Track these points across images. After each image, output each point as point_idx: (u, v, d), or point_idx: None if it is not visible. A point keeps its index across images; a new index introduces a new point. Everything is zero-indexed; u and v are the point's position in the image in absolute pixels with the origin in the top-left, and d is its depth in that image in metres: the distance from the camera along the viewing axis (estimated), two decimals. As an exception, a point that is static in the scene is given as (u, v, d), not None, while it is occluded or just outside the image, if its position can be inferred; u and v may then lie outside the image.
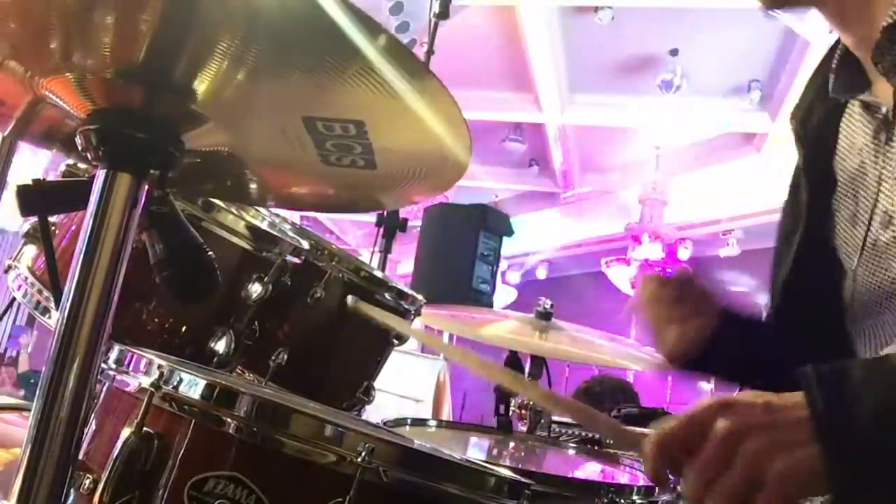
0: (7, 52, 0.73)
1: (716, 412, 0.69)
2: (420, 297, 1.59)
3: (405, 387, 3.43)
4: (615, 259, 7.09)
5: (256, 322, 1.34)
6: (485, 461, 1.29)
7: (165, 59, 0.69)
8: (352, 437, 0.80)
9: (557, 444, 1.94)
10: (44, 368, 0.73)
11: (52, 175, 1.24)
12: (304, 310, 1.40)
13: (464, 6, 4.78)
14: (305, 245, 1.39)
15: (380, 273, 1.62)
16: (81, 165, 1.18)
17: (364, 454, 0.78)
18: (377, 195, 1.04)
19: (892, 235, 0.87)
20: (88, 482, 0.83)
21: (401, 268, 7.86)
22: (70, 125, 0.79)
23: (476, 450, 1.75)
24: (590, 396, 3.48)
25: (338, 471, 0.79)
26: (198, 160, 0.86)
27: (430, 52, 2.56)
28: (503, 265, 7.89)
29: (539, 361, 1.92)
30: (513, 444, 1.82)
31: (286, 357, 1.38)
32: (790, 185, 1.10)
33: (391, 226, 2.77)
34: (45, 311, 1.23)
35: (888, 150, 0.89)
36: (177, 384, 0.84)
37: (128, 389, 0.88)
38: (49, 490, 0.71)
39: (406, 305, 1.55)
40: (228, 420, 0.81)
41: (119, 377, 0.90)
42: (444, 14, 2.51)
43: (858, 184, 0.95)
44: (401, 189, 0.98)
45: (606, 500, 1.31)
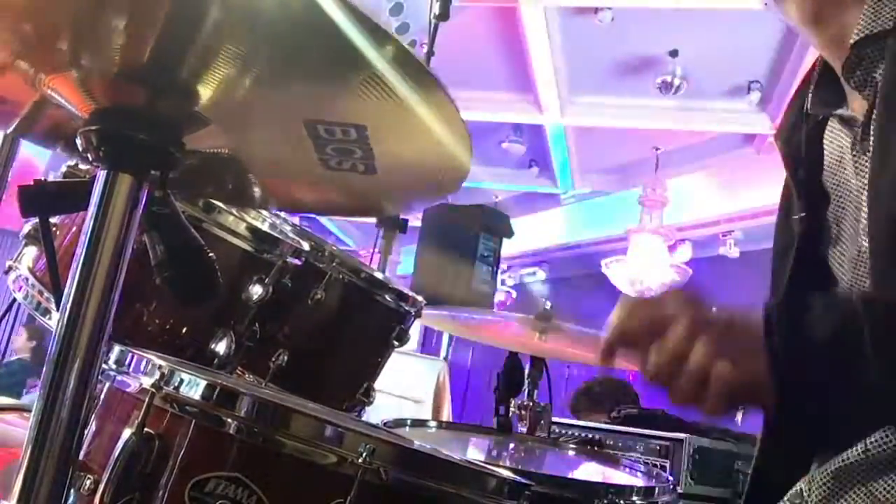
0: (18, 52, 0.73)
1: (684, 305, 0.77)
2: (420, 299, 1.60)
3: (405, 388, 3.43)
4: (615, 259, 7.08)
5: (257, 323, 1.34)
6: (485, 462, 1.29)
7: (169, 61, 0.69)
8: (352, 438, 0.80)
9: (557, 445, 1.94)
10: (44, 369, 0.74)
11: (53, 176, 1.24)
12: (305, 311, 1.40)
13: (464, 7, 4.78)
14: (306, 246, 1.39)
15: (380, 274, 1.62)
16: (82, 166, 1.18)
17: (365, 455, 0.78)
18: (377, 200, 1.04)
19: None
20: (89, 483, 0.83)
21: (401, 268, 7.86)
22: (73, 125, 0.79)
23: (476, 450, 1.75)
24: (590, 396, 3.48)
25: (338, 471, 0.79)
26: (199, 162, 0.86)
27: (430, 53, 2.56)
28: (503, 266, 7.89)
29: (539, 362, 1.92)
30: (512, 445, 1.82)
31: (286, 358, 1.38)
32: (780, 205, 1.12)
33: (391, 226, 2.77)
34: (46, 312, 1.23)
35: (866, 161, 0.90)
36: (177, 385, 0.84)
37: (128, 390, 0.88)
38: (49, 491, 0.71)
39: (406, 307, 1.55)
40: (229, 421, 0.81)
41: (120, 378, 0.91)
42: (444, 15, 2.51)
43: (845, 197, 0.97)
44: (400, 194, 0.98)
45: (606, 501, 1.31)
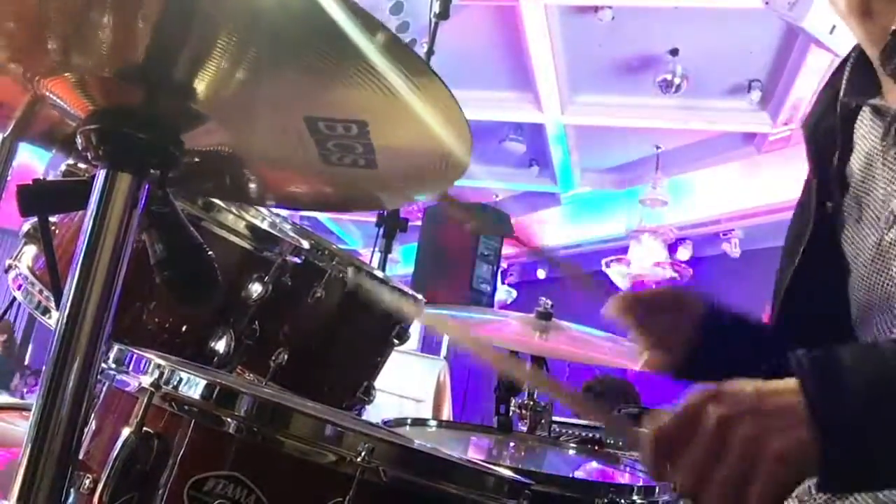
0: (6, 53, 0.73)
1: (706, 401, 0.69)
2: (420, 297, 1.60)
3: (405, 387, 3.43)
4: (615, 259, 7.07)
5: (257, 322, 1.34)
6: (485, 461, 1.29)
7: (165, 59, 0.69)
8: (352, 437, 0.80)
9: (558, 444, 1.94)
10: (44, 368, 0.74)
11: (52, 175, 1.24)
12: (305, 310, 1.40)
13: (464, 6, 4.78)
14: (306, 245, 1.39)
15: (380, 273, 1.62)
16: (82, 165, 1.18)
17: (364, 454, 0.78)
18: (377, 194, 1.04)
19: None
20: (88, 482, 0.83)
21: (401, 268, 7.86)
22: (70, 125, 0.79)
23: (476, 450, 1.75)
24: (590, 396, 3.48)
25: (338, 471, 0.79)
26: (198, 159, 0.86)
27: (431, 52, 2.57)
28: (503, 265, 7.89)
29: (539, 361, 1.92)
30: (513, 444, 1.82)
31: (286, 357, 1.38)
32: (803, 190, 1.11)
33: (391, 226, 2.77)
34: (46, 311, 1.23)
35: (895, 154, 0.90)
36: (177, 384, 0.84)
37: (128, 389, 0.88)
38: (49, 490, 0.71)
39: (406, 305, 1.55)
40: (228, 420, 0.81)
41: (119, 377, 0.90)
42: (445, 14, 2.51)
43: (869, 186, 0.96)
44: (401, 188, 0.98)
45: (606, 501, 1.31)
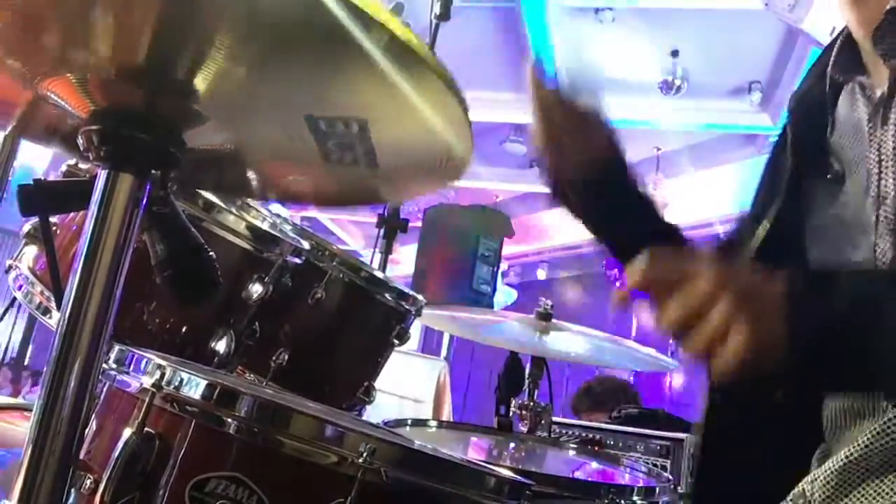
0: (6, 51, 0.73)
1: (708, 265, 0.78)
2: (420, 298, 1.60)
3: (405, 387, 3.43)
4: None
5: (257, 322, 1.34)
6: (485, 462, 1.29)
7: (166, 59, 0.69)
8: (353, 438, 0.80)
9: (558, 445, 1.94)
10: (45, 369, 0.74)
11: (54, 175, 1.24)
12: (305, 310, 1.40)
13: (464, 7, 4.78)
14: (306, 245, 1.39)
15: (380, 273, 1.62)
16: (83, 165, 1.18)
17: (365, 454, 0.78)
18: (377, 191, 1.04)
19: (884, 215, 0.89)
20: (89, 482, 0.83)
21: (401, 268, 7.86)
22: (71, 123, 0.79)
23: (476, 450, 1.75)
24: (590, 396, 3.48)
25: (339, 471, 0.79)
26: (199, 157, 0.86)
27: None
28: (503, 266, 7.89)
29: (539, 362, 1.92)
30: (513, 445, 1.82)
31: (287, 357, 1.38)
32: (769, 160, 1.12)
33: (392, 226, 2.77)
34: (46, 312, 1.23)
35: (883, 133, 0.91)
36: (178, 384, 0.84)
37: (129, 390, 0.88)
38: (50, 490, 0.71)
39: (406, 306, 1.55)
40: (229, 420, 0.81)
41: (120, 377, 0.90)
42: (445, 15, 2.51)
43: (855, 164, 0.97)
44: (402, 185, 0.98)
45: (607, 501, 1.31)
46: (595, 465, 1.77)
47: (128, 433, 0.81)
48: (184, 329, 1.27)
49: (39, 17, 0.67)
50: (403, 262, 6.99)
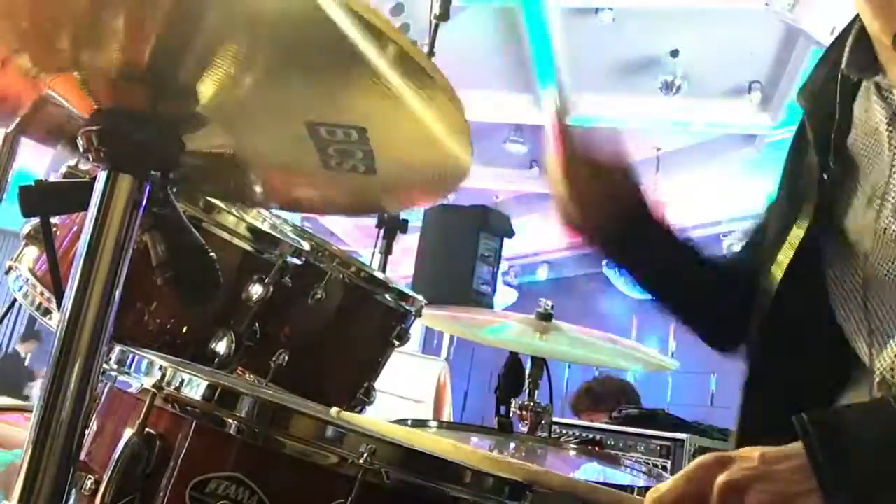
0: (17, 49, 0.73)
1: (713, 468, 0.69)
2: (420, 298, 1.60)
3: (406, 388, 3.43)
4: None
5: (257, 323, 1.34)
6: (485, 462, 1.29)
7: (170, 62, 0.69)
8: (353, 438, 0.80)
9: (558, 445, 1.94)
10: (45, 370, 0.74)
11: (54, 176, 1.24)
12: (305, 311, 1.40)
13: (464, 7, 4.78)
14: (306, 246, 1.39)
15: (380, 274, 1.62)
16: (83, 166, 1.18)
17: (366, 455, 0.78)
18: (377, 199, 1.05)
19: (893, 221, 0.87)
20: (90, 483, 0.83)
21: (401, 269, 7.86)
22: (73, 124, 0.79)
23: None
24: (590, 396, 3.48)
25: (339, 472, 0.79)
26: (200, 161, 0.86)
27: (431, 54, 2.57)
28: (503, 266, 7.89)
29: (539, 362, 1.92)
30: (513, 446, 1.82)
31: (287, 358, 1.38)
32: (788, 159, 1.11)
33: (392, 227, 2.77)
34: (47, 313, 1.23)
35: None
36: (178, 385, 0.84)
37: (129, 390, 0.88)
38: (50, 491, 0.71)
39: (407, 306, 1.55)
40: (230, 421, 0.81)
41: (121, 378, 0.90)
42: (445, 15, 2.51)
43: (874, 167, 0.94)
44: (401, 193, 0.98)
45: (607, 501, 1.31)
46: (595, 466, 1.77)
47: (128, 434, 0.81)
48: (184, 330, 1.27)
49: (52, 16, 0.67)
50: (403, 263, 6.99)
